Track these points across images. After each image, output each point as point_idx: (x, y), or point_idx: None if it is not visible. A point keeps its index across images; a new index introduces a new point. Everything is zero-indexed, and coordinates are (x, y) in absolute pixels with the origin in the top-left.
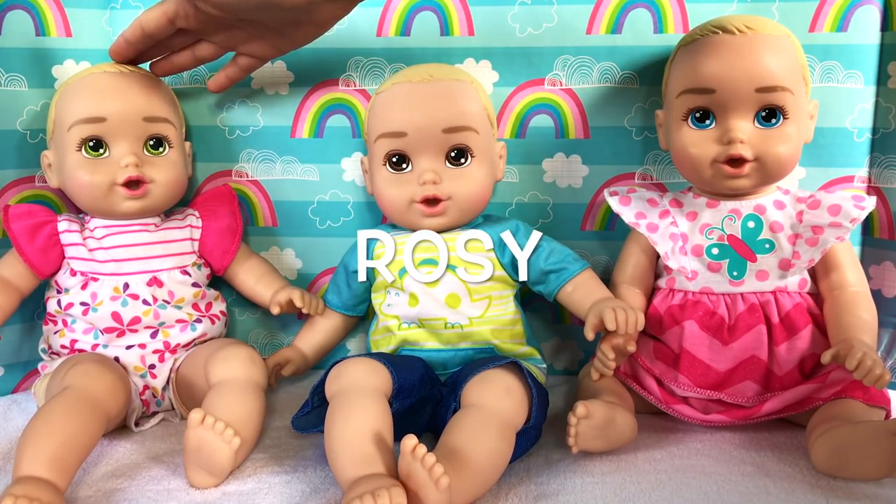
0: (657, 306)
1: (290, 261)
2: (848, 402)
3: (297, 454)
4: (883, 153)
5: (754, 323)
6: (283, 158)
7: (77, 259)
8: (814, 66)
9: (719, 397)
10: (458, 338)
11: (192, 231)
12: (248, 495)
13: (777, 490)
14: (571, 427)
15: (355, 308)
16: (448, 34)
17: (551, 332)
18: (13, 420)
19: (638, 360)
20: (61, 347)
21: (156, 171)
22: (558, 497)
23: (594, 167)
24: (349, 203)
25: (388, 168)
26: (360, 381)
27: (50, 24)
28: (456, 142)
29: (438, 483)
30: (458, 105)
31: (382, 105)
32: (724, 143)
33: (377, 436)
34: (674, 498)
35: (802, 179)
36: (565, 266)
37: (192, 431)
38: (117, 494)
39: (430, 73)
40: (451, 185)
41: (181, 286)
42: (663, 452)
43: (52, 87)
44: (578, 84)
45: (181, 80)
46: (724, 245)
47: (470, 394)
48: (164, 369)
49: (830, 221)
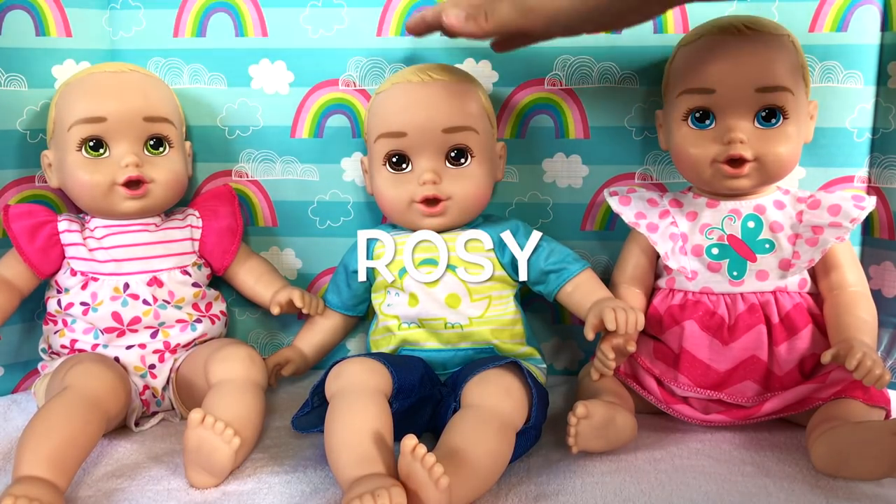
0: (657, 306)
1: (290, 261)
2: (848, 402)
3: (297, 454)
4: (883, 153)
5: (754, 323)
6: (283, 158)
7: (77, 259)
8: (814, 66)
9: (719, 397)
10: (458, 338)
11: (192, 231)
12: (248, 495)
13: (777, 490)
14: (571, 427)
15: (355, 308)
16: None
17: (551, 332)
18: (13, 420)
19: (638, 360)
20: (61, 347)
21: (156, 171)
22: (558, 497)
23: (594, 167)
24: (349, 203)
25: (388, 168)
26: (360, 381)
27: (50, 24)
28: (456, 142)
29: (438, 483)
30: (458, 105)
31: (382, 105)
32: (724, 143)
33: (377, 436)
34: (674, 498)
35: (802, 179)
36: (565, 266)
37: (192, 431)
38: (117, 494)
39: (429, 73)
40: (450, 185)
41: (181, 286)
42: (663, 452)
43: (52, 87)
44: (578, 84)
45: (181, 80)
46: (724, 245)
47: (470, 394)
48: (164, 369)
49: (830, 221)
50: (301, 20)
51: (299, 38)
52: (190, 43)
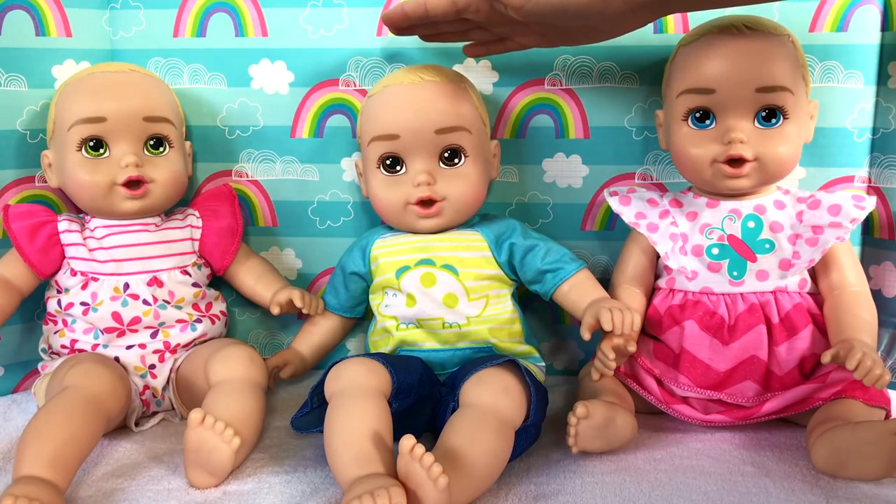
0: (657, 306)
1: (290, 261)
2: (848, 402)
3: (297, 454)
4: (883, 153)
5: (754, 323)
6: (283, 158)
7: (77, 259)
8: (814, 66)
9: (719, 397)
10: (456, 337)
11: (192, 231)
12: (248, 495)
13: (777, 490)
14: (571, 427)
15: (353, 310)
16: None
17: (551, 332)
18: (13, 420)
19: (638, 360)
20: (61, 347)
21: (156, 171)
22: (558, 497)
23: (594, 167)
24: (349, 203)
25: (383, 171)
26: (359, 382)
27: (50, 24)
28: (449, 142)
29: (437, 482)
30: (450, 105)
31: (374, 108)
32: (724, 143)
33: (376, 436)
34: (674, 498)
35: (802, 179)
36: (562, 266)
37: (192, 431)
38: (117, 494)
39: (420, 75)
40: (445, 185)
41: (181, 286)
42: (663, 452)
43: (52, 87)
44: (578, 84)
45: (181, 80)
46: (724, 245)
47: (468, 393)
48: (164, 369)
49: (830, 221)
50: (301, 20)
51: (299, 38)
52: (190, 43)
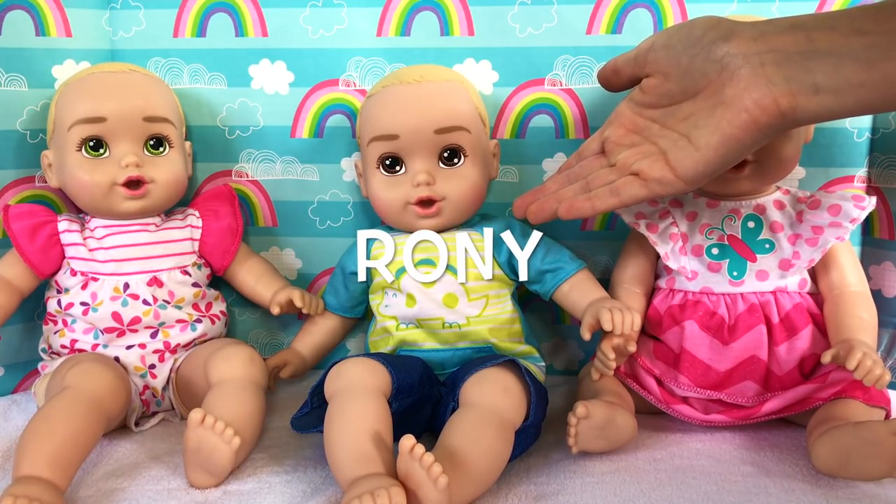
0: (657, 306)
1: (290, 261)
2: (848, 402)
3: (297, 454)
4: (883, 153)
5: (754, 323)
6: (283, 158)
7: (77, 259)
8: None
9: (719, 397)
10: (456, 337)
11: (192, 231)
12: (248, 495)
13: (777, 490)
14: (571, 427)
15: (353, 310)
16: (448, 34)
17: (551, 332)
18: (13, 420)
19: (638, 360)
20: (61, 347)
21: (156, 171)
22: (558, 497)
23: None
24: (349, 203)
25: (382, 171)
26: (359, 381)
27: (50, 24)
28: (448, 142)
29: (437, 482)
30: (449, 105)
31: (373, 108)
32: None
33: (376, 436)
34: (674, 498)
35: (802, 179)
36: (562, 266)
37: (192, 431)
38: (117, 494)
39: (420, 75)
40: (445, 185)
41: (181, 286)
42: (663, 452)
43: (52, 87)
44: (578, 84)
45: (181, 80)
46: (724, 245)
47: (468, 393)
48: (164, 369)
49: (830, 221)
50: (301, 20)
51: (299, 38)
52: (190, 43)
